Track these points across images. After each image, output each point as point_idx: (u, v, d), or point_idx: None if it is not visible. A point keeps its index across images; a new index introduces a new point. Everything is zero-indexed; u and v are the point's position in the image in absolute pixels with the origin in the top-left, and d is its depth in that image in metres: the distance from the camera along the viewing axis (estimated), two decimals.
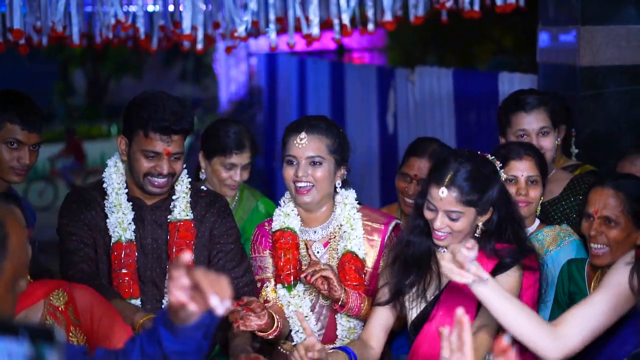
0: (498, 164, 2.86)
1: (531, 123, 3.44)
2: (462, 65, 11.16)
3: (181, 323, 1.75)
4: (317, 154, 2.96)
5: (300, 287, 3.02)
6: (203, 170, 3.83)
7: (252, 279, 3.13)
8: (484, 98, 5.84)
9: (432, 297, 2.86)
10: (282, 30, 5.50)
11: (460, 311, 1.83)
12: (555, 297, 3.09)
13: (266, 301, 3.06)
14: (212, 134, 3.78)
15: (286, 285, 3.01)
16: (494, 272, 2.71)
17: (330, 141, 2.99)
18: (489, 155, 2.90)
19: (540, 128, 3.44)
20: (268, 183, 10.38)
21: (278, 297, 3.06)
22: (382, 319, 2.92)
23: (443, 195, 2.69)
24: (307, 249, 3.00)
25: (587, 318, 2.52)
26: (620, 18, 4.34)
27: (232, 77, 12.76)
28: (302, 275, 2.88)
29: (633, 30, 4.35)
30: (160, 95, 3.05)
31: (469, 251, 2.37)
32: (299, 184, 2.97)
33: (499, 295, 2.46)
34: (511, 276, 2.75)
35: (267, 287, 3.09)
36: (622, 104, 4.37)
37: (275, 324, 2.89)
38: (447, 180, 2.70)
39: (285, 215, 3.06)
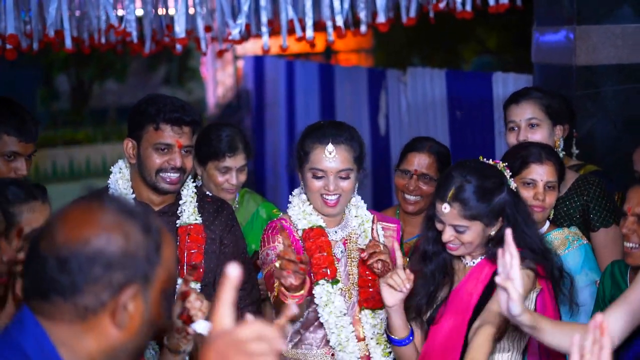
0: (507, 173, 2.84)
1: (519, 114, 3.43)
2: (447, 65, 11.14)
3: None
4: (346, 167, 2.94)
5: (338, 285, 2.96)
6: (199, 177, 3.78)
7: (259, 297, 3.07)
8: (478, 99, 5.81)
9: (440, 301, 2.86)
10: (274, 33, 5.46)
11: (599, 317, 1.76)
12: (597, 303, 3.04)
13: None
14: (203, 139, 3.71)
15: (330, 280, 2.93)
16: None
17: (355, 151, 2.97)
18: (501, 162, 2.88)
19: (528, 119, 3.42)
20: (257, 185, 10.32)
21: (316, 295, 2.92)
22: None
23: (446, 210, 2.73)
24: (372, 230, 2.95)
25: (628, 313, 2.48)
26: (616, 17, 4.34)
27: (219, 80, 12.68)
28: (362, 255, 2.85)
29: (628, 29, 4.35)
30: (164, 95, 3.10)
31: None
32: (329, 197, 2.95)
33: (543, 328, 2.39)
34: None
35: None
36: (618, 103, 4.37)
37: (306, 286, 2.68)
38: (449, 196, 2.73)
39: (308, 215, 3.00)
